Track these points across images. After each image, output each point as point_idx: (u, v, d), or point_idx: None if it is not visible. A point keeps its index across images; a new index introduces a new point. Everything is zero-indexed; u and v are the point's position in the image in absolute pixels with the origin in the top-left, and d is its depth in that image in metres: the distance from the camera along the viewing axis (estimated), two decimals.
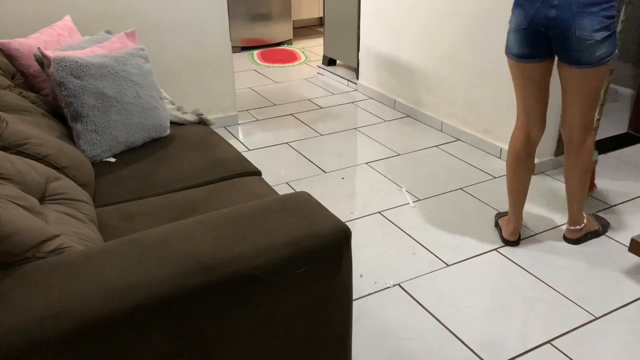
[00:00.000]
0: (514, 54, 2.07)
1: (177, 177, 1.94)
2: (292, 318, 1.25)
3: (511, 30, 2.05)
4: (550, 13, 1.91)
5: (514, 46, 2.06)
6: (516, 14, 2.01)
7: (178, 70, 3.34)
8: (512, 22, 2.04)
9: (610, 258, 2.27)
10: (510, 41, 2.07)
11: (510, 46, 2.08)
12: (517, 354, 1.79)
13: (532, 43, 2.01)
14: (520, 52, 2.05)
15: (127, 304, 1.03)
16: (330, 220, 1.27)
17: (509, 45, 2.09)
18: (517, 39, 2.03)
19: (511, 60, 2.11)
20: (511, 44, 2.07)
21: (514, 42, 2.05)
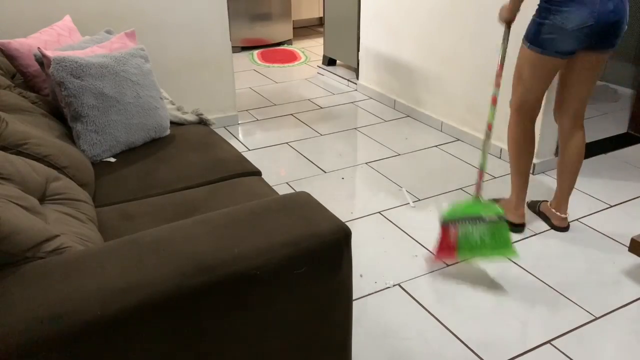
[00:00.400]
0: (562, 52, 2.07)
1: (177, 177, 1.94)
2: (292, 318, 1.25)
3: (564, 28, 2.01)
4: (610, 6, 1.98)
5: (565, 44, 2.05)
6: (575, 12, 1.99)
7: (178, 70, 3.34)
8: (566, 21, 2.00)
9: (610, 258, 2.27)
10: (559, 39, 2.04)
11: (555, 45, 2.06)
12: (517, 354, 1.79)
13: (589, 39, 2.03)
14: (570, 49, 2.07)
15: (127, 304, 1.03)
16: (330, 220, 1.27)
17: (552, 42, 2.06)
18: (575, 36, 2.02)
19: (549, 57, 2.10)
20: (559, 43, 2.05)
21: (569, 40, 2.04)
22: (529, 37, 2.13)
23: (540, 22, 2.06)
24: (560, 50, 2.07)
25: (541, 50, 2.10)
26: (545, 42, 2.07)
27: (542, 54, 2.10)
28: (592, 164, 3.07)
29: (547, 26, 2.04)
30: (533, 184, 2.84)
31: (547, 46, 2.08)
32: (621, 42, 2.12)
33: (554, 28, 2.03)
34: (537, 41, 2.09)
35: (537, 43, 2.10)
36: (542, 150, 2.95)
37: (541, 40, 2.08)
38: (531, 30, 2.11)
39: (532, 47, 2.12)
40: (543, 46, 2.09)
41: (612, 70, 4.28)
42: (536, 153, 2.93)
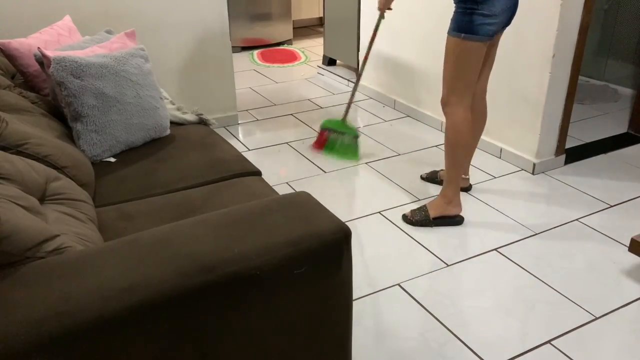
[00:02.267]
0: (492, 34, 2.27)
1: (177, 177, 1.94)
2: (292, 318, 1.25)
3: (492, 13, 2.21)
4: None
5: (494, 27, 2.25)
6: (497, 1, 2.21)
7: (178, 70, 3.35)
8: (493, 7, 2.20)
9: (610, 258, 2.27)
10: (487, 26, 2.24)
11: (485, 31, 2.24)
12: (517, 354, 1.79)
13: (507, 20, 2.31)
14: (497, 30, 2.29)
15: (127, 304, 1.03)
16: (330, 220, 1.27)
17: (484, 30, 2.24)
18: (500, 20, 2.25)
19: (480, 43, 2.28)
20: (487, 29, 2.24)
21: (496, 23, 2.25)
22: (462, 28, 2.26)
23: (471, 13, 2.23)
24: (491, 33, 2.27)
25: (478, 37, 2.26)
26: (480, 29, 2.24)
27: (480, 41, 2.27)
28: (592, 164, 3.07)
29: (478, 14, 2.21)
30: (534, 183, 2.84)
31: (482, 32, 2.24)
32: (621, 42, 2.14)
33: (485, 16, 2.21)
34: (472, 30, 2.24)
35: (472, 31, 2.25)
36: (542, 150, 2.95)
37: (476, 28, 2.24)
38: (463, 21, 2.26)
39: (469, 37, 2.26)
40: (479, 33, 2.24)
41: (612, 70, 4.28)
42: (536, 153, 2.94)
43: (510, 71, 2.98)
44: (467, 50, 2.30)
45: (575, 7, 2.68)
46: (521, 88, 2.93)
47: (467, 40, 2.27)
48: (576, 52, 2.79)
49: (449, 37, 2.32)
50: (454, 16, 2.29)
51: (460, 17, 2.27)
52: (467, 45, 2.29)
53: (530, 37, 2.80)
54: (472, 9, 2.22)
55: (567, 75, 2.83)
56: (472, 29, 2.25)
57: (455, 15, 2.29)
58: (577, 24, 2.72)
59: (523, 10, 2.80)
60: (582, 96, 3.99)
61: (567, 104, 2.92)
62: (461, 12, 2.26)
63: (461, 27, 2.27)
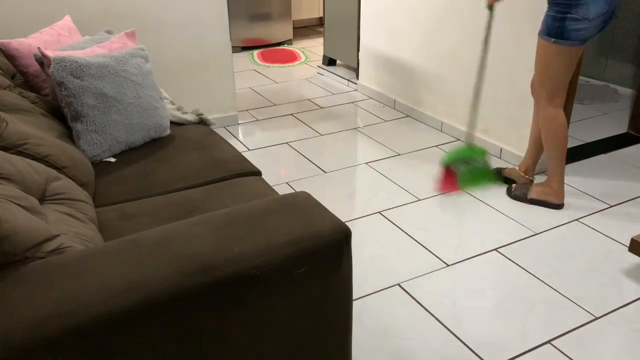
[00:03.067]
0: (585, 39, 2.25)
1: (177, 177, 1.94)
2: (292, 318, 1.25)
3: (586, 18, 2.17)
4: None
5: (588, 33, 2.22)
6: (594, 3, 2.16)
7: (178, 70, 3.34)
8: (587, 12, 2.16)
9: (610, 258, 2.27)
10: (585, 29, 2.20)
11: (580, 34, 2.22)
12: (517, 354, 1.79)
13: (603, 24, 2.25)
14: (591, 36, 2.26)
15: (127, 304, 1.03)
16: (330, 220, 1.27)
17: (575, 35, 2.22)
18: (595, 24, 2.21)
19: (576, 48, 2.26)
20: (580, 34, 2.22)
21: (591, 29, 2.21)
22: (553, 32, 2.24)
23: (562, 17, 2.19)
24: (584, 38, 2.24)
25: (569, 42, 2.23)
26: (572, 34, 2.21)
27: (571, 46, 2.24)
28: (592, 164, 3.07)
29: (571, 19, 2.18)
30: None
31: (574, 37, 2.22)
32: (621, 42, 2.17)
33: (577, 20, 2.18)
34: (563, 35, 2.22)
35: (563, 37, 2.23)
36: None
37: (567, 33, 2.21)
38: (554, 26, 2.23)
39: (559, 42, 2.24)
40: (570, 38, 2.22)
41: (612, 70, 4.28)
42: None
43: (510, 71, 2.98)
44: (558, 54, 2.28)
45: None
46: (521, 88, 2.93)
47: (558, 45, 2.25)
48: None
49: (539, 39, 2.31)
50: (545, 18, 2.25)
51: (551, 20, 2.23)
52: (559, 50, 2.26)
53: (531, 37, 2.80)
54: (565, 12, 2.17)
55: None
56: (563, 34, 2.22)
57: (547, 17, 2.25)
58: None
59: (523, 11, 2.81)
60: (582, 96, 3.99)
61: (567, 104, 2.91)
62: (553, 15, 2.21)
63: (552, 31, 2.24)
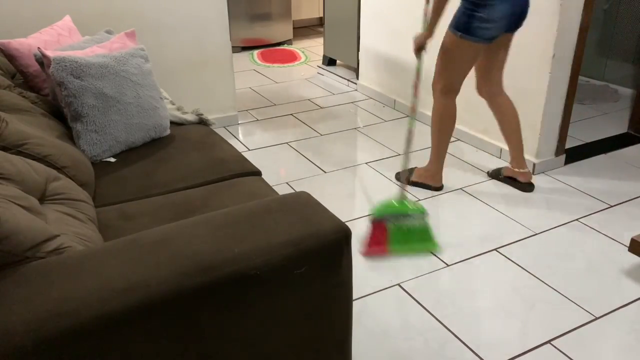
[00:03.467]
0: (490, 38, 2.39)
1: (177, 177, 1.94)
2: (292, 318, 1.25)
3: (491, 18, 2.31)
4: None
5: (492, 32, 2.36)
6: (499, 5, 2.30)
7: (178, 70, 3.34)
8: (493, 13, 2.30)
9: (610, 258, 2.27)
10: (490, 28, 2.34)
11: (486, 32, 2.35)
12: (517, 354, 1.79)
13: (507, 25, 2.39)
14: (496, 35, 2.40)
15: (127, 304, 1.03)
16: (330, 220, 1.27)
17: (480, 33, 2.35)
18: (499, 25, 2.35)
19: (476, 44, 2.39)
20: (485, 32, 2.35)
21: (495, 28, 2.35)
22: (461, 27, 2.37)
23: (471, 15, 2.32)
24: (489, 37, 2.38)
25: (474, 39, 2.36)
26: (477, 32, 2.35)
27: (475, 42, 2.38)
28: (592, 164, 3.07)
29: (478, 18, 2.32)
30: (534, 184, 2.84)
31: (479, 34, 2.35)
32: (621, 42, 2.15)
33: (483, 20, 2.31)
34: (469, 31, 2.35)
35: (469, 33, 2.36)
36: (542, 150, 2.95)
37: (473, 30, 2.35)
38: (462, 22, 2.36)
39: (465, 37, 2.37)
40: (475, 35, 2.35)
41: (612, 70, 4.28)
42: (536, 153, 2.94)
43: (510, 71, 2.97)
44: (462, 48, 2.42)
45: (575, 7, 2.68)
46: (521, 88, 2.93)
47: (463, 40, 2.38)
48: (576, 52, 2.79)
49: (448, 31, 2.43)
50: (456, 12, 2.35)
51: (461, 16, 2.36)
52: (463, 44, 2.39)
53: (530, 37, 2.80)
54: (473, 11, 2.28)
55: (567, 75, 2.83)
56: (469, 30, 2.35)
57: (458, 12, 2.35)
58: (577, 24, 2.72)
59: None
60: (582, 96, 3.99)
61: (567, 104, 2.91)
62: (463, 11, 2.32)
63: (459, 26, 2.37)
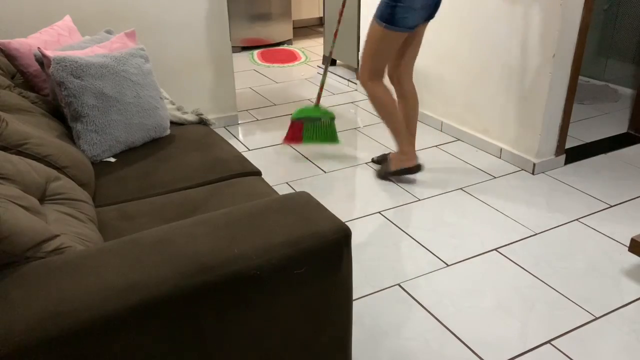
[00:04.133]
0: (412, 26, 2.53)
1: (177, 177, 1.94)
2: (292, 318, 1.25)
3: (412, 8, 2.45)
4: None
5: (414, 20, 2.51)
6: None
7: (178, 70, 3.34)
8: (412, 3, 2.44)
9: (610, 258, 2.27)
10: (410, 17, 2.48)
11: (407, 21, 2.48)
12: (517, 354, 1.79)
13: (426, 13, 2.55)
14: (417, 23, 2.54)
15: (127, 304, 1.03)
16: (330, 220, 1.27)
17: (405, 20, 2.48)
18: (422, 14, 2.52)
19: (400, 32, 2.52)
20: (410, 20, 2.49)
21: (416, 17, 2.50)
22: (384, 18, 2.49)
23: (393, 6, 2.45)
24: (411, 25, 2.52)
25: (397, 28, 2.50)
26: (400, 21, 2.48)
27: (398, 31, 2.51)
28: (592, 164, 3.07)
29: (400, 8, 2.44)
30: (534, 183, 2.84)
31: (402, 24, 2.49)
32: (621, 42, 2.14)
33: (405, 10, 2.45)
34: (393, 21, 2.48)
35: (393, 23, 2.48)
36: (542, 150, 2.95)
37: (396, 20, 2.47)
38: (386, 13, 2.48)
39: (389, 27, 2.50)
40: (399, 25, 2.49)
41: (612, 70, 4.28)
42: (536, 153, 2.94)
43: (510, 71, 2.98)
44: (387, 38, 2.55)
45: (575, 7, 2.68)
46: (521, 88, 2.93)
47: (388, 30, 2.51)
48: (576, 52, 2.79)
49: (373, 22, 2.56)
50: (379, 4, 2.50)
51: (384, 7, 2.48)
52: (388, 34, 2.52)
53: (530, 37, 2.80)
54: (396, 1, 2.43)
55: (567, 75, 2.83)
56: (393, 20, 2.48)
57: (381, 4, 2.50)
58: (577, 24, 2.72)
59: (523, 11, 2.81)
60: (582, 96, 3.99)
61: (567, 104, 2.92)
62: (386, 2, 2.47)
63: (384, 17, 2.49)
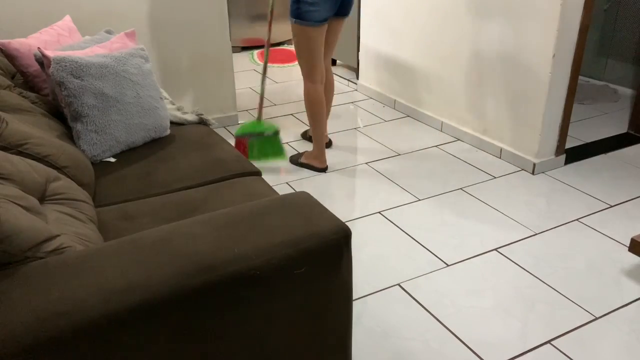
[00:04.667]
0: (321, 20, 2.62)
1: (177, 177, 1.94)
2: (292, 318, 1.25)
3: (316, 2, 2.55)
4: None
5: (322, 14, 2.60)
6: None
7: (178, 70, 3.34)
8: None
9: (610, 258, 2.27)
10: (316, 11, 2.58)
11: (313, 15, 2.58)
12: (517, 354, 1.79)
13: (335, 7, 2.66)
14: (326, 16, 2.64)
15: (127, 304, 1.03)
16: (330, 220, 1.27)
17: (312, 14, 2.58)
18: (327, 7, 2.61)
19: (313, 27, 2.63)
20: (316, 13, 2.59)
21: (323, 11, 2.59)
22: (294, 14, 2.62)
23: (298, 1, 2.57)
24: (318, 19, 2.62)
25: (307, 23, 2.60)
26: (307, 15, 2.58)
27: (309, 26, 2.61)
28: (592, 164, 3.07)
29: (304, 3, 2.56)
30: (534, 183, 2.85)
31: (309, 18, 2.59)
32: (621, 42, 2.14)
33: (308, 4, 2.56)
34: (300, 16, 2.60)
35: (301, 17, 2.60)
36: (542, 150, 2.95)
37: (303, 15, 2.59)
38: (294, 9, 2.61)
39: (299, 22, 2.62)
40: (306, 19, 2.59)
41: (612, 70, 4.28)
42: (536, 153, 2.94)
43: (510, 71, 2.98)
44: (304, 34, 2.65)
45: (575, 7, 2.68)
46: (521, 88, 2.93)
47: (299, 25, 2.62)
48: (576, 52, 2.79)
49: (290, 23, 2.68)
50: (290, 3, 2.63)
51: (292, 4, 2.61)
52: (302, 29, 2.63)
53: (530, 37, 2.80)
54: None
55: (567, 75, 2.83)
56: (300, 15, 2.59)
57: (290, 2, 2.62)
58: (577, 24, 2.73)
59: (523, 10, 2.81)
60: (582, 96, 3.99)
61: (567, 104, 2.92)
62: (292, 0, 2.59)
63: (293, 13, 2.61)
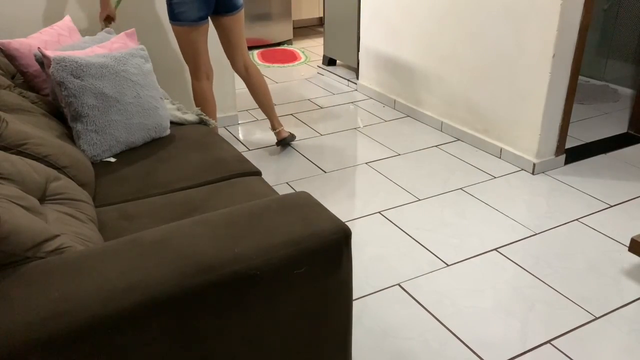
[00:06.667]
0: (196, 19, 2.64)
1: (177, 177, 1.94)
2: (292, 318, 1.25)
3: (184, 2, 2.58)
4: None
5: (195, 13, 2.62)
6: None
7: (178, 70, 3.34)
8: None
9: (610, 258, 2.27)
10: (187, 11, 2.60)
11: (186, 15, 2.61)
12: (517, 354, 1.79)
13: (210, 5, 2.66)
14: (201, 15, 2.64)
15: (127, 304, 1.03)
16: (330, 220, 1.27)
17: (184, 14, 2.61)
18: (197, 6, 2.61)
19: (190, 27, 2.65)
20: (188, 13, 2.61)
21: (194, 10, 2.60)
22: (169, 15, 2.67)
23: (169, 2, 2.61)
24: (193, 19, 2.63)
25: (181, 23, 2.64)
26: (180, 16, 2.62)
27: (184, 26, 2.65)
28: (592, 164, 3.07)
29: (174, 3, 2.60)
30: (534, 183, 2.84)
31: (182, 18, 2.62)
32: (621, 42, 2.13)
33: (179, 4, 2.59)
34: (176, 17, 2.64)
35: (177, 19, 2.64)
36: (542, 150, 2.95)
37: (176, 15, 2.63)
38: (168, 10, 2.65)
39: (174, 22, 2.66)
40: (180, 19, 2.63)
41: (612, 70, 4.28)
42: (536, 153, 2.94)
43: (510, 71, 2.98)
44: (183, 34, 2.69)
45: (575, 7, 2.68)
46: (521, 88, 2.94)
47: (175, 26, 2.67)
48: (576, 52, 2.79)
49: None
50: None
51: (167, 6, 2.65)
52: (180, 30, 2.68)
53: (530, 37, 2.80)
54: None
55: (567, 75, 2.84)
56: (174, 16, 2.64)
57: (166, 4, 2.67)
58: (577, 24, 2.73)
59: (523, 10, 2.81)
60: (582, 96, 3.99)
61: (567, 104, 2.92)
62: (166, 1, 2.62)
63: (169, 15, 2.66)
